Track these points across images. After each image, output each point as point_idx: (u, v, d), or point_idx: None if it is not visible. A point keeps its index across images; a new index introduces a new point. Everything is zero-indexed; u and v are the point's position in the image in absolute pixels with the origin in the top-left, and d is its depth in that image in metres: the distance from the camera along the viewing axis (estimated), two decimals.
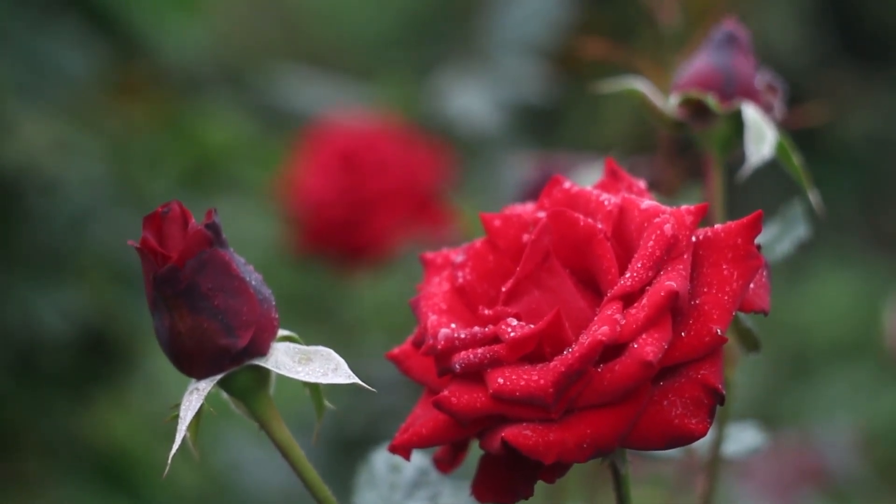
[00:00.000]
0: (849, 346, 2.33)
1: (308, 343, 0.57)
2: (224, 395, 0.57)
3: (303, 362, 0.55)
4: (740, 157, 0.70)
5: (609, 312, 0.54)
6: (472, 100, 1.59)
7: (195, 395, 0.54)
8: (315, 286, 1.77)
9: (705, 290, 0.55)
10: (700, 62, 0.71)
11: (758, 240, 0.56)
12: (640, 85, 0.72)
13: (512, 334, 0.55)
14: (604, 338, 0.53)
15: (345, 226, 1.56)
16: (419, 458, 0.65)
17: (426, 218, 1.56)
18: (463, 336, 0.56)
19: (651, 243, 0.55)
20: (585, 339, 0.54)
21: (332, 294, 1.76)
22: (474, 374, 0.55)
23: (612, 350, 0.54)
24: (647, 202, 0.57)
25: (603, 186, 0.60)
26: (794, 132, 0.75)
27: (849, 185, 2.81)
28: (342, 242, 1.56)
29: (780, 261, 0.72)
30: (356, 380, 0.55)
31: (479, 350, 0.55)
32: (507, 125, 1.63)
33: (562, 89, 1.68)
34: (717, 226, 0.56)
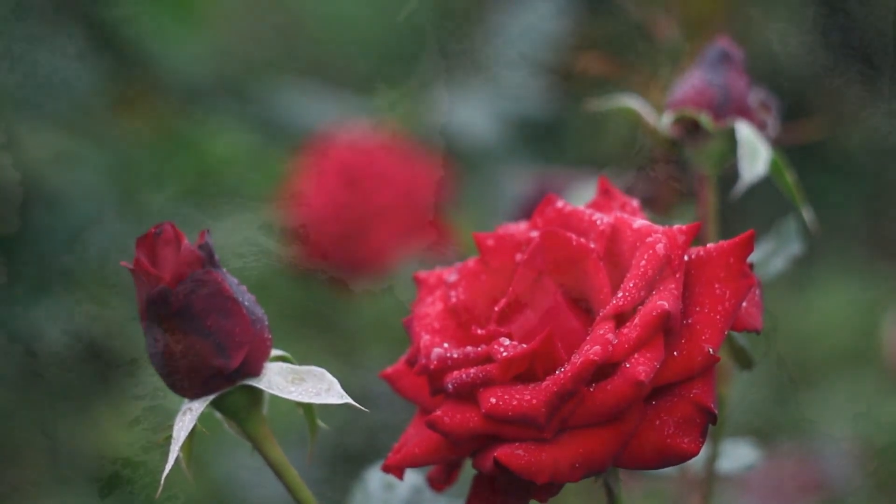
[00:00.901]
0: (850, 355, 2.33)
1: (307, 355, 0.57)
2: (217, 414, 0.57)
3: (296, 382, 0.56)
4: (736, 173, 0.71)
5: (601, 332, 0.54)
6: (472, 113, 1.59)
7: (188, 416, 0.54)
8: (315, 298, 1.77)
9: (697, 309, 0.55)
10: (694, 80, 0.71)
11: (752, 257, 0.56)
12: (633, 103, 0.72)
13: (504, 354, 0.55)
14: (596, 357, 0.53)
15: (345, 240, 1.56)
16: (413, 477, 0.65)
17: (426, 232, 1.56)
18: (455, 356, 0.56)
19: (643, 263, 0.55)
20: (577, 359, 0.54)
21: (332, 306, 1.76)
22: (467, 394, 0.55)
23: (604, 370, 0.54)
24: (640, 221, 0.58)
25: (596, 205, 0.60)
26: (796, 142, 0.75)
27: (851, 192, 2.80)
28: (342, 256, 1.56)
29: (774, 277, 0.72)
30: (349, 400, 0.55)
31: (472, 370, 0.55)
32: (508, 138, 1.63)
33: (562, 102, 1.68)
34: (710, 245, 0.56)
